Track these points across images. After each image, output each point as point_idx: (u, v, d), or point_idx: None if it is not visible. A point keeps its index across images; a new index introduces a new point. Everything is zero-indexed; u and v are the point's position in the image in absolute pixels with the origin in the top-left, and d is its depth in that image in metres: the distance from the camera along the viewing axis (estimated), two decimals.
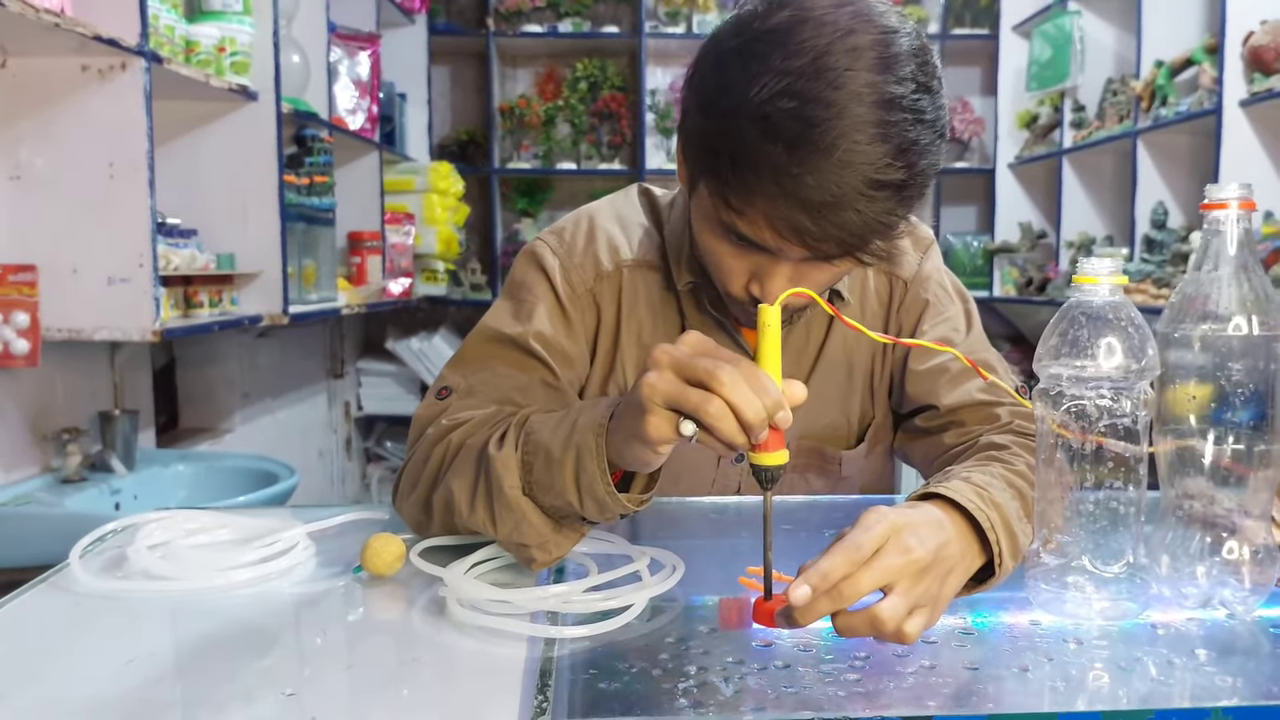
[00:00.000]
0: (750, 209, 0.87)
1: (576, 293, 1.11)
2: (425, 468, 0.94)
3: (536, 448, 0.84)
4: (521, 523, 0.84)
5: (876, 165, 0.82)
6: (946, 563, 0.76)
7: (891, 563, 0.72)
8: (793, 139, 0.81)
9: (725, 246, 0.94)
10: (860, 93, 0.82)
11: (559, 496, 0.83)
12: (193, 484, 2.20)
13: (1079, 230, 3.62)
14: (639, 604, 0.78)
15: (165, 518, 0.99)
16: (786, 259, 0.91)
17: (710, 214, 0.93)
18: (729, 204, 0.88)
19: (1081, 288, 0.78)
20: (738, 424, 0.72)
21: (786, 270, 0.92)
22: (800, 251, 0.88)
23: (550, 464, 0.83)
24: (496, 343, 1.07)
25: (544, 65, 4.32)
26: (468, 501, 0.87)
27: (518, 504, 0.84)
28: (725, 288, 0.99)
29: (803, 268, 0.93)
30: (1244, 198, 0.80)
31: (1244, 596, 0.80)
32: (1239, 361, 0.79)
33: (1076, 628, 0.78)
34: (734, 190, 0.87)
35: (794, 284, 0.92)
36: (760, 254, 0.92)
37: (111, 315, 1.85)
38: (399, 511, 0.99)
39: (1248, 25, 2.62)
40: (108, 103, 1.81)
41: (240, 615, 0.82)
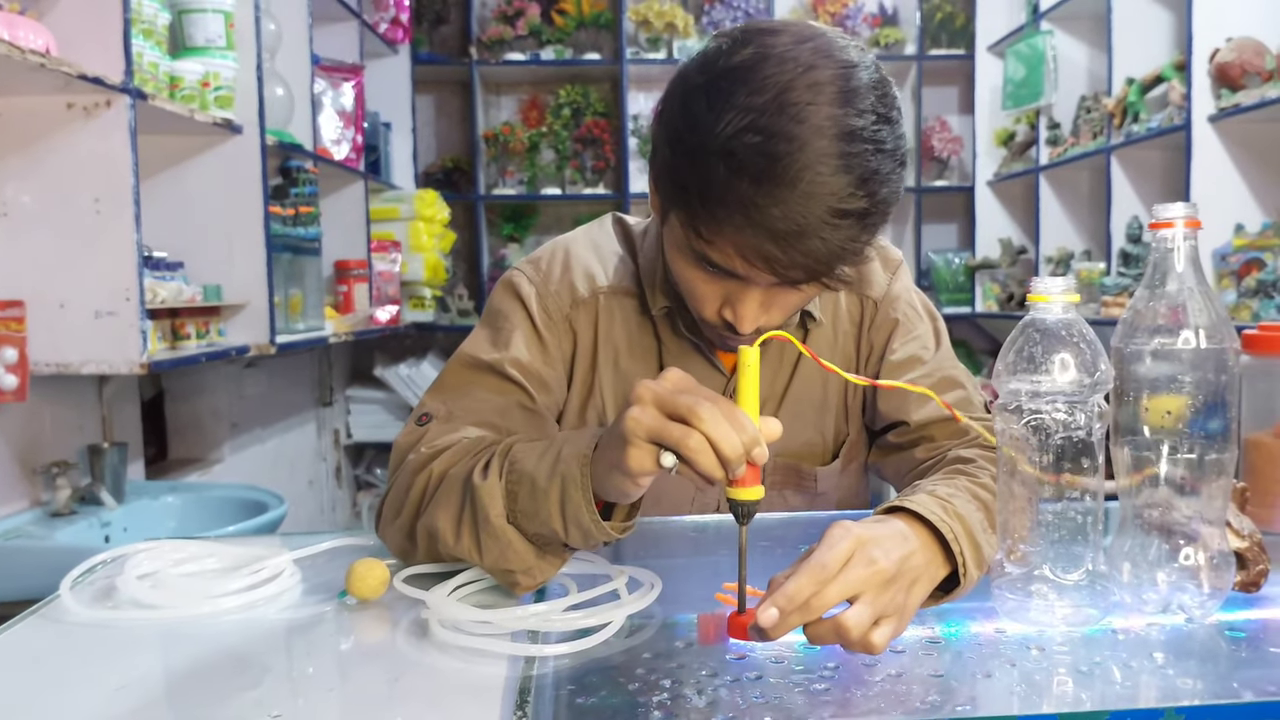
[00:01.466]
0: (719, 239, 0.90)
1: (553, 319, 1.14)
2: (408, 496, 0.96)
3: (521, 477, 0.86)
4: (507, 550, 0.86)
5: (840, 195, 0.86)
6: (911, 573, 0.78)
7: (857, 575, 0.74)
8: (758, 173, 0.85)
9: (697, 273, 0.97)
10: (822, 126, 0.85)
11: (544, 525, 0.85)
12: (182, 515, 2.21)
13: (1058, 245, 3.66)
14: (616, 621, 0.81)
15: (153, 548, 1.01)
16: (757, 285, 0.94)
17: (682, 243, 0.96)
18: (699, 234, 0.91)
19: (1036, 305, 0.81)
20: (716, 458, 0.75)
21: (758, 295, 0.96)
22: (769, 278, 0.92)
23: (535, 493, 0.85)
24: (475, 369, 1.09)
25: (527, 93, 4.37)
26: (453, 531, 0.89)
27: (503, 532, 0.86)
28: (699, 313, 1.02)
29: (773, 292, 0.96)
30: (1189, 217, 0.84)
31: (1202, 601, 0.83)
32: (1190, 374, 0.83)
33: (1040, 634, 0.80)
34: (703, 222, 0.90)
35: (765, 308, 0.97)
36: (731, 280, 0.95)
37: (99, 349, 1.87)
38: (382, 539, 1.01)
39: (1214, 42, 2.67)
40: (93, 139, 1.84)
41: (228, 641, 0.84)
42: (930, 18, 4.21)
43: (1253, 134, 2.68)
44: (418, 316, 3.84)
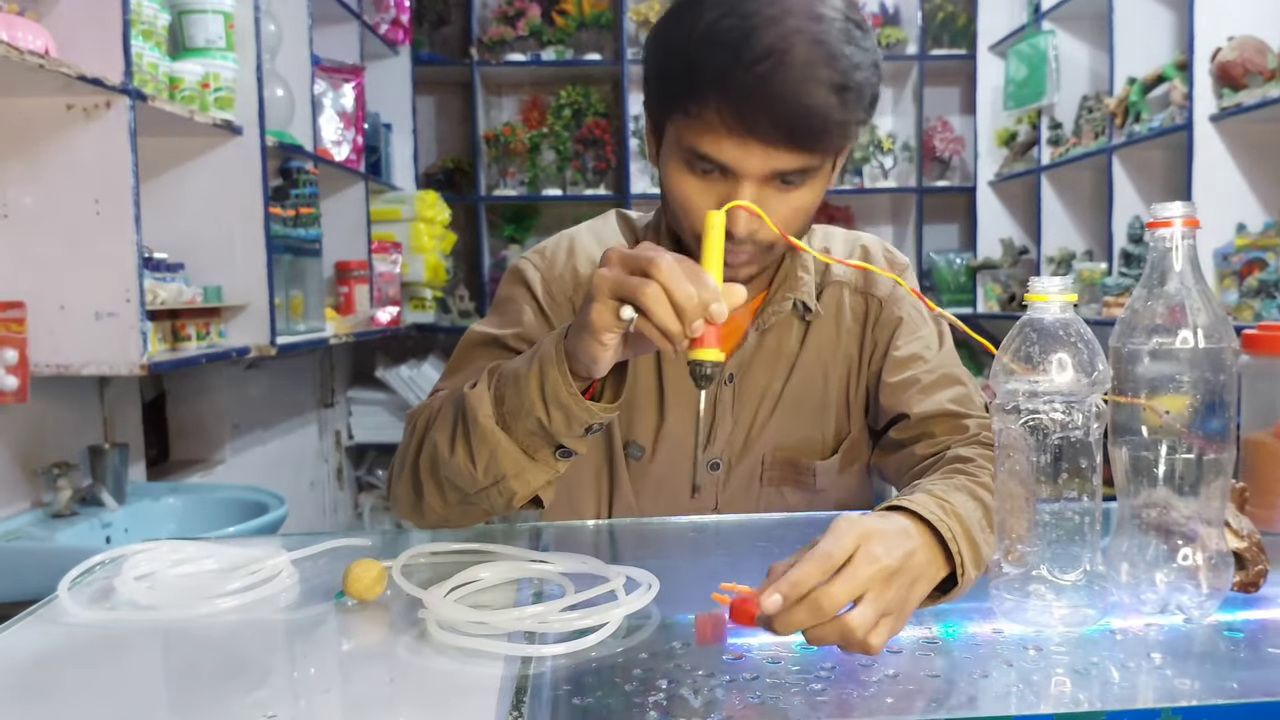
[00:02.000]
0: (706, 112, 0.96)
1: (556, 301, 1.19)
2: (411, 440, 1.04)
3: (505, 376, 0.93)
4: (497, 452, 0.92)
5: (813, 64, 0.94)
6: (913, 571, 0.78)
7: (863, 572, 0.74)
8: (737, 47, 0.93)
9: (692, 182, 1.03)
10: (794, 8, 0.95)
11: (528, 415, 0.91)
12: (183, 516, 2.22)
13: (1059, 245, 3.66)
14: (613, 622, 0.81)
15: (152, 548, 1.01)
16: (747, 177, 0.99)
17: (676, 152, 1.02)
18: (689, 120, 0.98)
19: (1034, 305, 0.81)
20: (673, 311, 0.80)
21: (750, 191, 1.00)
22: (758, 158, 0.97)
23: (518, 383, 0.91)
24: (479, 345, 1.16)
25: (528, 93, 4.37)
26: (448, 445, 0.96)
27: (491, 434, 0.92)
28: (696, 231, 1.02)
29: (765, 194, 1.00)
30: (1187, 216, 0.84)
31: (1200, 601, 0.83)
32: (1188, 373, 0.82)
33: (1038, 635, 0.80)
34: (692, 99, 0.97)
35: (748, 226, 1.01)
36: (724, 182, 1.01)
37: (99, 350, 1.87)
38: (393, 501, 1.07)
39: (1216, 42, 2.67)
40: (93, 140, 1.84)
41: (225, 642, 0.84)
42: (932, 17, 4.21)
43: (1255, 133, 2.67)
44: (419, 317, 3.84)
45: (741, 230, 1.00)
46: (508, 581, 0.93)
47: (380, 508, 4.11)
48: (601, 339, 0.85)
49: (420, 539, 1.02)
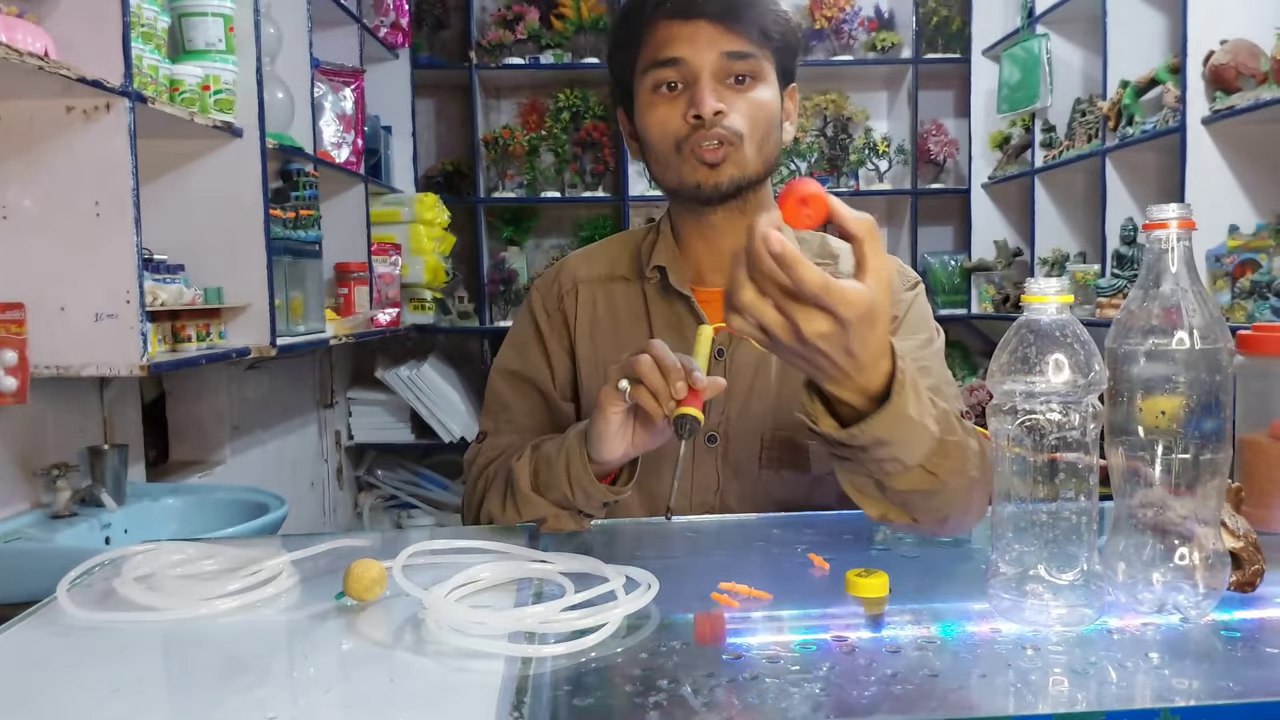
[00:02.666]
0: (655, 21, 1.20)
1: (549, 315, 1.37)
2: (474, 497, 1.26)
3: (542, 457, 1.15)
4: (536, 508, 1.14)
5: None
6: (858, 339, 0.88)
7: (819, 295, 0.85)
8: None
9: (661, 107, 1.21)
10: None
11: (558, 490, 1.12)
12: (183, 517, 2.22)
13: (1052, 247, 3.67)
14: (613, 622, 0.81)
15: (151, 549, 1.01)
16: (702, 71, 1.18)
17: (643, 86, 1.22)
18: (645, 35, 1.20)
19: (1030, 306, 0.82)
20: (660, 375, 1.00)
21: (707, 83, 1.18)
22: (704, 42, 1.18)
23: (550, 466, 1.13)
24: (505, 380, 1.37)
25: (527, 96, 4.37)
26: (500, 508, 1.18)
27: (529, 498, 1.14)
28: (673, 138, 1.21)
29: (722, 93, 1.19)
30: (1183, 217, 0.84)
31: (1197, 601, 0.83)
32: (1184, 374, 0.83)
33: (1035, 634, 0.81)
34: (644, 22, 1.21)
35: (720, 99, 1.18)
36: (685, 92, 1.20)
37: (99, 351, 1.87)
38: None
39: (1209, 45, 2.67)
40: (93, 142, 1.84)
41: (225, 643, 0.85)
42: (926, 21, 4.22)
43: (1247, 136, 2.68)
44: (418, 319, 3.84)
45: (707, 109, 1.17)
46: (508, 581, 0.94)
47: (380, 507, 4.11)
48: (607, 414, 1.06)
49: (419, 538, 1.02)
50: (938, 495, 0.99)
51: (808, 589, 0.95)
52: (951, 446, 0.97)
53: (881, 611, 0.89)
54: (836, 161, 4.29)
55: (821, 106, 4.32)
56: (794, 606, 0.90)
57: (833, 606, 0.90)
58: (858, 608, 0.90)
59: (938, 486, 0.97)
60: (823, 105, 4.32)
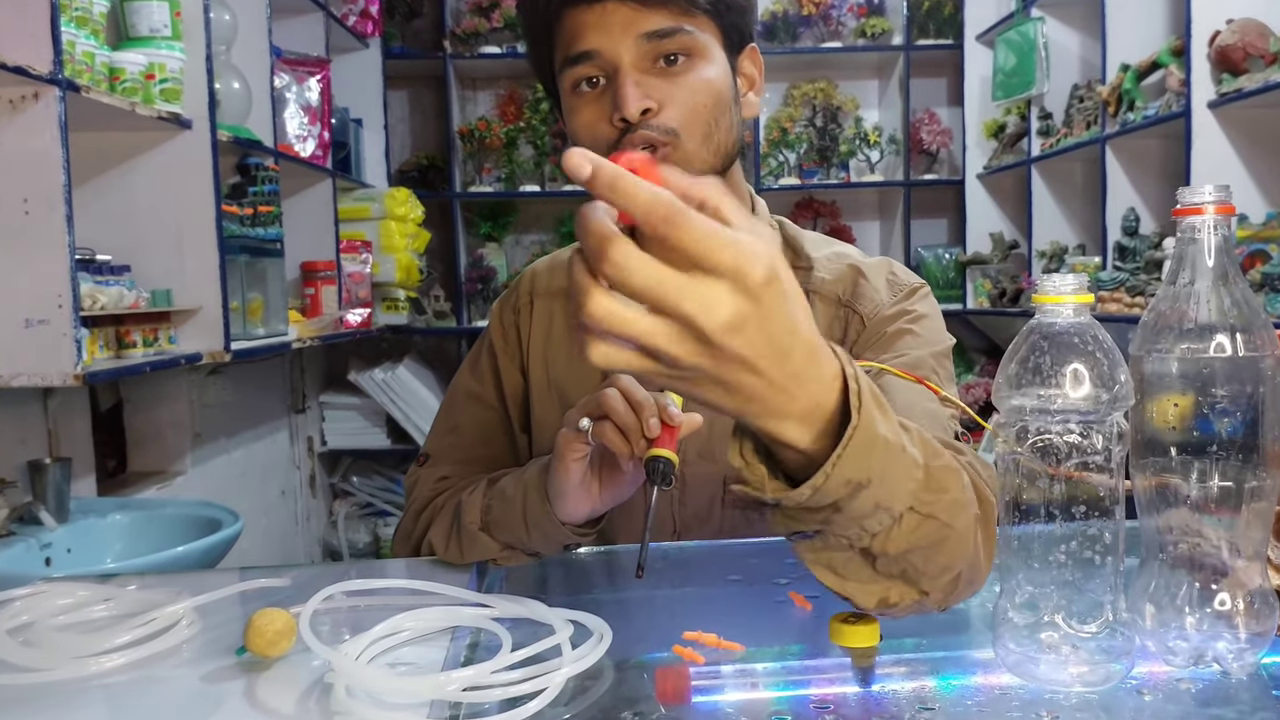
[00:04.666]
0: (562, 13, 1.01)
1: (505, 328, 1.24)
2: (414, 529, 1.12)
3: (496, 493, 1.01)
4: (480, 548, 1.01)
5: None
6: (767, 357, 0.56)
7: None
8: None
9: (581, 104, 1.03)
10: None
11: (510, 531, 0.98)
12: (130, 535, 2.08)
13: (1050, 239, 3.55)
14: (554, 687, 0.68)
15: (40, 591, 0.88)
16: (620, 62, 0.99)
17: (565, 84, 1.04)
18: (555, 28, 1.02)
19: (1043, 308, 0.69)
20: (629, 409, 0.84)
21: (628, 77, 0.98)
22: (618, 30, 0.98)
23: (505, 502, 0.98)
24: (462, 400, 1.24)
25: (504, 87, 4.23)
26: (443, 545, 1.04)
27: (476, 536, 1.00)
28: (603, 147, 1.00)
29: (649, 82, 0.99)
30: (1221, 201, 0.72)
31: (1239, 651, 0.71)
32: (1223, 386, 0.71)
33: (1052, 695, 0.69)
34: (551, 15, 1.02)
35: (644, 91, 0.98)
36: (607, 89, 1.00)
37: (30, 360, 1.74)
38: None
39: (1214, 25, 2.56)
40: (20, 135, 1.71)
41: (103, 710, 0.72)
42: (917, 7, 4.09)
43: (1256, 120, 2.56)
44: (391, 319, 3.71)
45: (631, 109, 0.97)
46: (440, 631, 0.81)
47: (355, 515, 3.98)
48: (567, 463, 0.90)
49: (341, 574, 0.89)
50: (943, 546, 0.69)
51: (787, 636, 0.83)
52: (942, 474, 0.68)
53: (871, 664, 0.76)
54: (826, 153, 4.17)
55: (810, 96, 4.19)
56: (770, 659, 0.77)
57: (815, 658, 0.78)
58: (844, 659, 0.77)
59: (940, 533, 0.68)
60: (811, 94, 4.19)
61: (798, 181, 4.17)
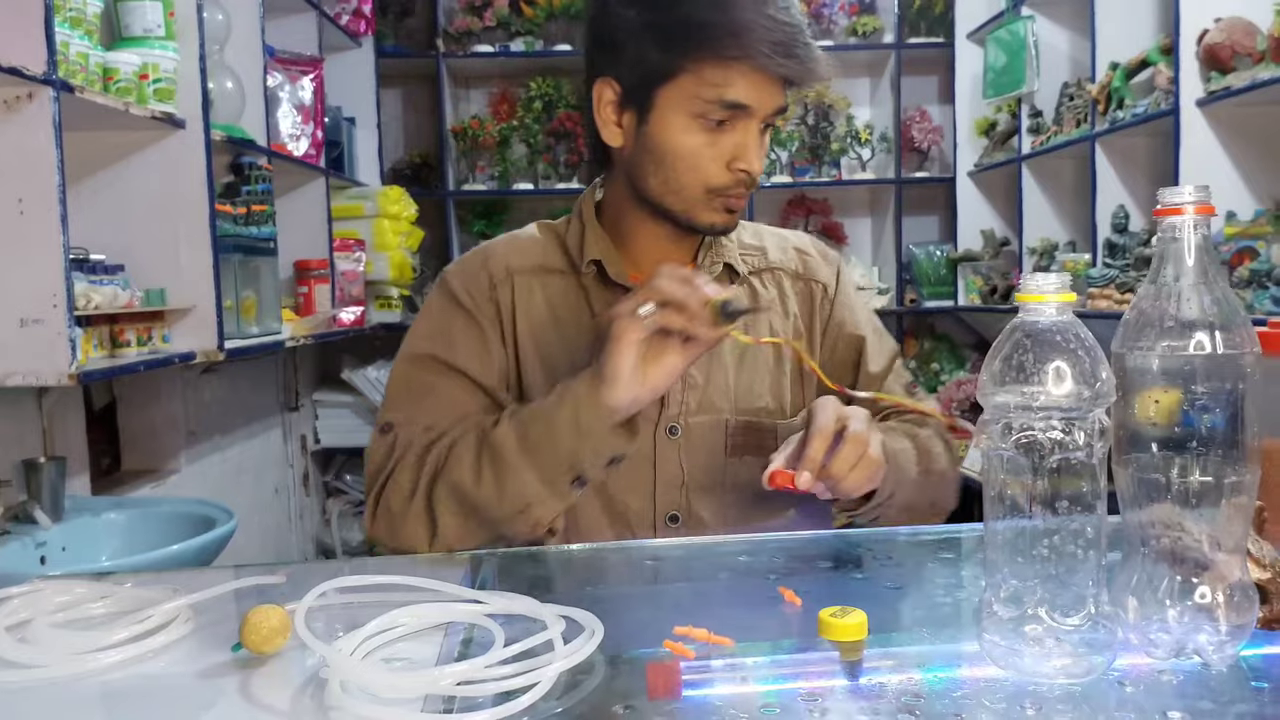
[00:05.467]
0: (739, 53, 1.08)
1: (477, 301, 1.23)
2: (419, 478, 1.08)
3: (530, 415, 1.04)
4: (520, 481, 1.02)
5: (802, 22, 1.13)
6: None
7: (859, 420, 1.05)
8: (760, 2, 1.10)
9: (701, 139, 1.12)
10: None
11: (557, 448, 1.02)
12: (125, 533, 2.09)
13: (1041, 236, 3.57)
14: (546, 680, 0.70)
15: (36, 589, 0.89)
16: (756, 118, 1.12)
17: (687, 108, 1.11)
18: (717, 52, 1.08)
19: (1026, 307, 0.71)
20: (683, 283, 0.99)
21: (758, 135, 1.13)
22: (769, 96, 1.11)
23: (544, 419, 1.02)
24: (417, 366, 1.20)
25: (497, 85, 4.24)
26: (473, 478, 1.04)
27: (517, 465, 1.02)
28: (706, 184, 1.14)
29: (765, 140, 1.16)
30: (1201, 201, 0.73)
31: (1220, 643, 0.72)
32: (1203, 382, 0.72)
33: (1036, 686, 0.70)
34: (718, 38, 1.08)
35: (760, 156, 1.14)
36: (731, 130, 1.12)
37: (25, 359, 1.75)
38: (391, 537, 1.10)
39: (1202, 23, 2.57)
40: (14, 135, 1.72)
41: (100, 707, 0.73)
42: (909, 5, 4.11)
43: (1244, 118, 2.57)
44: (385, 317, 3.71)
45: (758, 168, 1.14)
46: (433, 627, 0.82)
47: (349, 513, 3.98)
48: (623, 344, 0.99)
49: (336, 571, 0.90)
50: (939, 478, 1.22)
51: (776, 631, 0.84)
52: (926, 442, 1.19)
53: (859, 658, 0.77)
54: (818, 151, 4.18)
55: (801, 94, 4.20)
56: (760, 653, 0.78)
57: (804, 652, 0.79)
58: (832, 653, 0.78)
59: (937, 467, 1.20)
60: (803, 92, 4.20)
61: (790, 179, 4.18)
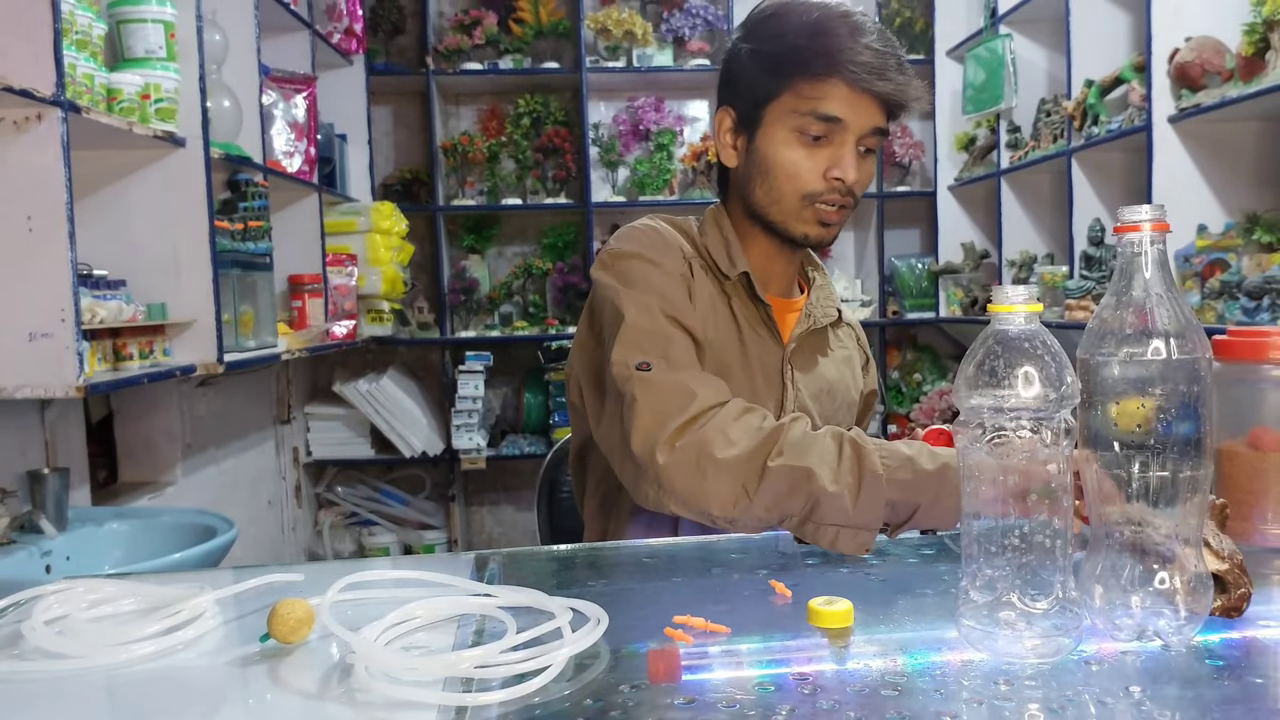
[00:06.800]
0: (832, 71, 1.22)
1: (681, 273, 1.30)
2: (758, 444, 1.10)
3: (892, 454, 1.08)
4: (877, 499, 1.06)
5: (896, 45, 1.27)
6: None
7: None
8: (852, 29, 1.24)
9: (800, 150, 1.26)
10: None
11: (910, 488, 1.06)
12: (128, 542, 2.13)
13: (1020, 249, 3.64)
14: (556, 664, 0.75)
15: (67, 588, 0.94)
16: (850, 134, 1.25)
17: (788, 123, 1.26)
18: (814, 79, 1.23)
19: (998, 316, 0.77)
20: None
21: (853, 148, 1.26)
22: (864, 113, 1.24)
23: (915, 468, 1.07)
24: (648, 316, 1.23)
25: (486, 102, 4.30)
26: (832, 476, 1.06)
27: (878, 484, 1.06)
28: (805, 189, 1.27)
29: (857, 159, 1.27)
30: (1156, 219, 0.79)
31: (1179, 626, 0.78)
32: (1160, 385, 0.78)
33: (1009, 666, 0.76)
34: (820, 67, 1.23)
35: (854, 167, 1.26)
36: (828, 146, 1.26)
37: (34, 372, 1.79)
38: (690, 479, 1.10)
39: (1173, 42, 2.65)
40: (24, 154, 1.77)
41: (138, 693, 0.78)
42: (889, 23, 4.19)
43: (1214, 134, 2.66)
44: (376, 331, 3.76)
45: (851, 176, 1.26)
46: (448, 618, 0.88)
47: (341, 525, 4.02)
48: None
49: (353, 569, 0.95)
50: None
51: (768, 620, 0.90)
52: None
53: (846, 643, 0.83)
54: None
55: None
56: (753, 640, 0.84)
57: (795, 639, 0.85)
58: (821, 639, 0.84)
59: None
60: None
61: None
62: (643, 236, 1.32)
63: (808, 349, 1.40)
